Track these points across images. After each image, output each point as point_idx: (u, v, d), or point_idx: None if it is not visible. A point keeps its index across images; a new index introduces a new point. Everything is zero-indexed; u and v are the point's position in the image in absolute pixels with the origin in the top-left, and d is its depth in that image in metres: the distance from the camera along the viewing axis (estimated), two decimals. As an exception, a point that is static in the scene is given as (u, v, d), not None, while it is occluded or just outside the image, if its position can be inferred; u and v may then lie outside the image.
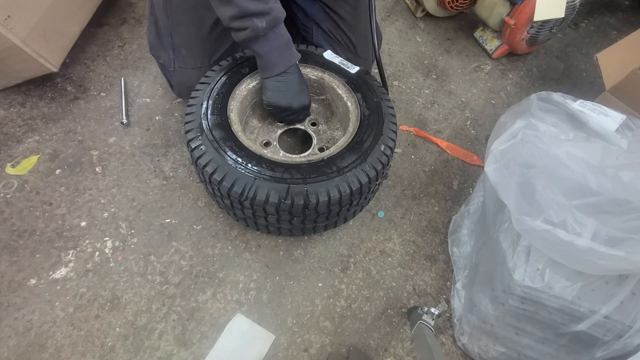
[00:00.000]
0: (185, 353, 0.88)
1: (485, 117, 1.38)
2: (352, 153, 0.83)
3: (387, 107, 0.93)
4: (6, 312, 0.89)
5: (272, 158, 0.80)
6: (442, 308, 1.00)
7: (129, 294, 0.94)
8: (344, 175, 0.79)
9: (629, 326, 0.70)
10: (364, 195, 0.86)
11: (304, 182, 0.77)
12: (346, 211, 0.88)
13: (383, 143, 0.86)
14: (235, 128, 0.85)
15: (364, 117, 0.90)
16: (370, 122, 0.89)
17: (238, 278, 0.98)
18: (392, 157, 0.89)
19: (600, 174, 0.74)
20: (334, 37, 1.13)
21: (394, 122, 0.92)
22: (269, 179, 0.76)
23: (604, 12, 1.83)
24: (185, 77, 1.07)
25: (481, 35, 1.56)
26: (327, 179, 0.78)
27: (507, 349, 0.85)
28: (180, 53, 1.03)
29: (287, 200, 0.76)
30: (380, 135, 0.87)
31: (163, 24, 1.01)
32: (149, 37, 1.09)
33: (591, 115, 0.86)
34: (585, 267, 0.69)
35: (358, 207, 0.93)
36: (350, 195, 0.80)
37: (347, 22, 1.11)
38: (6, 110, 1.17)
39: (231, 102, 0.89)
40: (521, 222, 0.70)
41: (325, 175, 0.78)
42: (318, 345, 0.92)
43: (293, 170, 0.78)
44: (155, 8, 1.02)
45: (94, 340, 0.88)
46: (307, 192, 0.76)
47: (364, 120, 0.89)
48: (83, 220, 1.02)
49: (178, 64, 1.05)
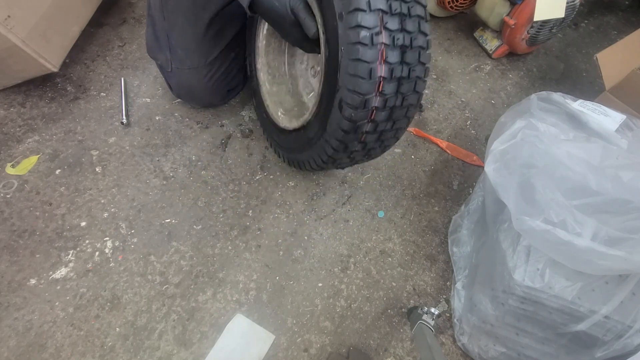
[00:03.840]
0: (185, 353, 0.88)
1: (485, 117, 1.38)
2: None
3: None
4: (6, 312, 0.89)
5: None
6: (442, 308, 1.00)
7: (129, 294, 0.94)
8: None
9: (629, 326, 0.70)
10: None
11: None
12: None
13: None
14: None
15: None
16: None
17: (238, 278, 0.98)
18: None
19: (600, 174, 0.74)
20: None
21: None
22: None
23: (604, 12, 1.83)
24: (183, 77, 1.07)
25: (481, 35, 1.56)
26: None
27: (507, 349, 0.85)
28: (177, 54, 1.03)
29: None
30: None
31: (160, 25, 1.01)
32: (147, 39, 1.09)
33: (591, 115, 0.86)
34: (585, 267, 0.69)
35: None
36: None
37: None
38: (6, 110, 1.17)
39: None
40: (521, 222, 0.70)
41: None
42: (318, 345, 0.92)
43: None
44: (152, 10, 1.02)
45: (94, 340, 0.88)
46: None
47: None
48: (83, 220, 1.02)
49: (175, 65, 1.05)
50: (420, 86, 0.75)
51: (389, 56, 0.68)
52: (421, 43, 0.71)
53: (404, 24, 0.69)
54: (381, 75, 0.69)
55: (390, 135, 0.84)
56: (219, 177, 1.13)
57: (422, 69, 0.73)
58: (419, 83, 0.75)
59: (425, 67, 0.74)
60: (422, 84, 0.75)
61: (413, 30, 0.70)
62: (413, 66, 0.71)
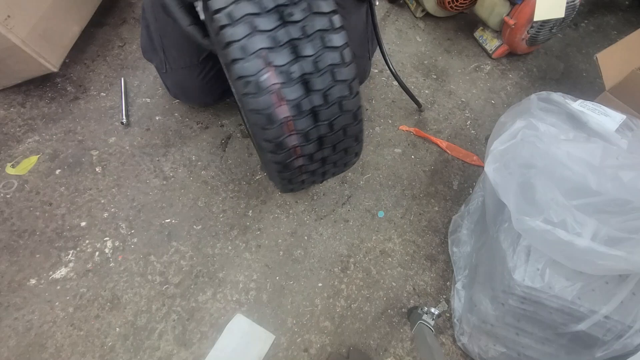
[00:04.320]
0: (185, 353, 0.88)
1: (485, 117, 1.38)
2: None
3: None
4: (6, 312, 0.89)
5: None
6: (442, 308, 1.00)
7: (129, 294, 0.94)
8: None
9: (629, 326, 0.70)
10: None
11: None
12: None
13: None
14: None
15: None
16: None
17: (238, 278, 0.98)
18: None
19: (600, 174, 0.74)
20: None
21: None
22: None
23: (604, 12, 1.83)
24: (177, 77, 1.07)
25: (481, 35, 1.56)
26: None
27: (507, 349, 0.85)
28: (170, 54, 1.03)
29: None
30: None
31: (153, 27, 1.01)
32: (142, 42, 1.10)
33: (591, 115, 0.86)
34: (585, 267, 0.69)
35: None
36: None
37: None
38: (6, 110, 1.17)
39: None
40: (521, 222, 0.70)
41: None
42: (318, 345, 0.92)
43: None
44: (145, 12, 1.02)
45: (94, 340, 0.88)
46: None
47: None
48: (83, 220, 1.02)
49: (169, 66, 1.05)
50: (349, 104, 0.67)
51: (288, 94, 0.61)
52: (331, 60, 0.62)
53: (299, 50, 0.60)
54: (286, 116, 0.62)
55: (339, 157, 0.78)
56: (219, 177, 1.13)
57: (344, 87, 0.65)
58: (345, 103, 0.66)
59: (348, 84, 0.65)
60: (350, 102, 0.66)
61: (314, 52, 0.61)
62: (327, 89, 0.63)
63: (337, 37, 0.63)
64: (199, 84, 1.07)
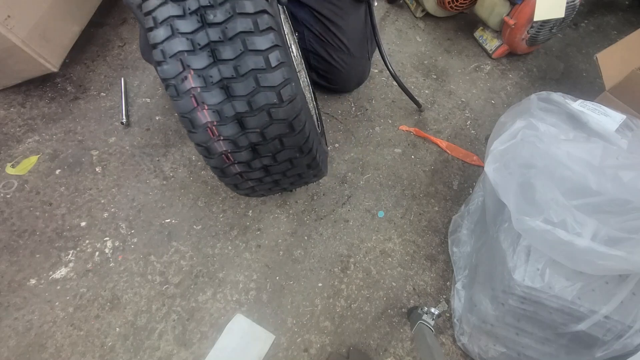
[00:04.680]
0: (185, 353, 0.88)
1: (485, 117, 1.38)
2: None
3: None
4: (6, 312, 0.89)
5: None
6: (442, 308, 1.00)
7: (129, 294, 0.94)
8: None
9: (629, 326, 0.70)
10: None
11: None
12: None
13: None
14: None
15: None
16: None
17: (238, 278, 0.98)
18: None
19: (600, 174, 0.74)
20: (326, 39, 1.14)
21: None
22: None
23: (604, 12, 1.83)
24: None
25: (481, 35, 1.56)
26: None
27: (507, 349, 0.85)
28: None
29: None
30: None
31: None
32: (141, 43, 1.10)
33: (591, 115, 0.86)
34: (585, 267, 0.69)
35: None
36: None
37: (336, 23, 1.12)
38: (6, 110, 1.17)
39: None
40: (521, 222, 0.70)
41: None
42: (318, 345, 0.92)
43: None
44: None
45: (94, 340, 0.88)
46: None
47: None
48: (83, 220, 1.02)
49: None
50: (280, 113, 0.62)
51: (207, 98, 0.59)
52: (254, 65, 0.58)
53: (218, 53, 0.57)
54: (209, 121, 0.60)
55: (285, 167, 0.74)
56: (219, 177, 1.13)
57: (271, 94, 0.60)
58: (274, 111, 0.62)
59: (276, 90, 0.60)
60: (281, 110, 0.62)
61: (235, 55, 0.58)
62: (252, 96, 0.60)
63: (261, 39, 0.58)
64: None
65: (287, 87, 0.61)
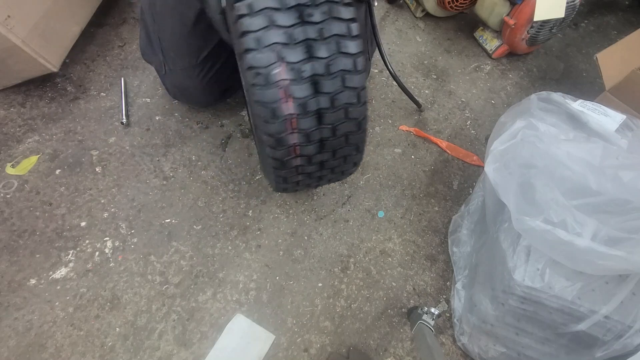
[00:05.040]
0: (185, 353, 0.88)
1: (485, 117, 1.38)
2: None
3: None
4: (6, 312, 0.89)
5: None
6: (442, 308, 1.00)
7: (129, 294, 0.94)
8: None
9: (629, 326, 0.70)
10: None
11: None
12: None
13: None
14: None
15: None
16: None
17: (238, 278, 0.98)
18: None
19: (600, 174, 0.74)
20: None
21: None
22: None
23: (604, 12, 1.83)
24: (176, 78, 1.07)
25: (481, 35, 1.56)
26: None
27: (507, 349, 0.85)
28: (169, 55, 1.03)
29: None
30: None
31: (151, 28, 1.01)
32: (141, 44, 1.10)
33: (591, 115, 0.86)
34: (585, 267, 0.69)
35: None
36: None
37: None
38: (6, 110, 1.17)
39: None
40: (521, 222, 0.70)
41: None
42: (318, 345, 0.92)
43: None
44: (143, 14, 1.02)
45: (94, 340, 0.88)
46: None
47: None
48: (83, 220, 1.02)
49: (168, 67, 1.05)
50: (355, 112, 0.67)
51: (296, 91, 0.62)
52: (343, 66, 0.63)
53: (313, 50, 0.61)
54: (290, 113, 0.63)
55: (337, 163, 0.78)
56: (219, 177, 1.13)
57: (352, 94, 0.65)
58: (351, 110, 0.67)
59: (357, 92, 0.65)
60: (356, 110, 0.67)
61: (328, 55, 0.62)
62: (336, 94, 0.64)
63: (353, 44, 0.63)
64: (198, 84, 1.07)
65: (365, 91, 0.67)
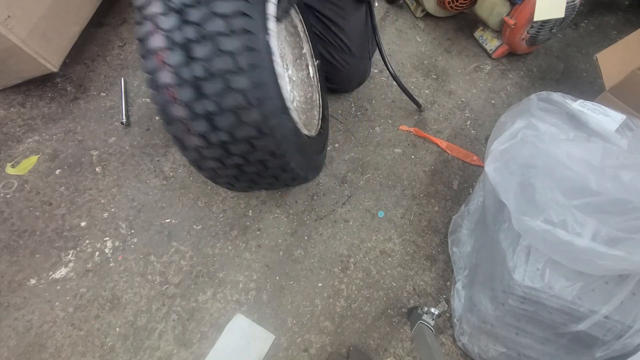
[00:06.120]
0: (185, 353, 0.88)
1: (485, 117, 1.38)
2: None
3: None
4: (6, 312, 0.89)
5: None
6: (442, 308, 1.00)
7: (129, 294, 0.94)
8: None
9: (629, 326, 0.70)
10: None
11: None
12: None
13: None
14: None
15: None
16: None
17: (238, 278, 0.98)
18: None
19: (600, 174, 0.74)
20: (327, 39, 1.14)
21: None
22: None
23: (604, 12, 1.83)
24: None
25: (481, 35, 1.56)
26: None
27: (507, 349, 0.85)
28: None
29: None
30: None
31: None
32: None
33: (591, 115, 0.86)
34: (585, 267, 0.69)
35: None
36: None
37: (336, 23, 1.12)
38: (6, 110, 1.17)
39: None
40: (521, 222, 0.70)
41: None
42: (318, 345, 0.92)
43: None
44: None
45: (94, 340, 0.88)
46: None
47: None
48: (83, 220, 1.02)
49: None
50: (247, 115, 0.62)
51: (169, 58, 0.59)
52: (218, 28, 0.58)
53: (186, 14, 0.58)
54: (180, 116, 0.62)
55: (258, 169, 0.75)
56: (219, 177, 1.13)
57: (237, 95, 0.61)
58: (242, 113, 0.62)
59: (243, 93, 0.61)
60: (249, 113, 0.62)
61: (199, 19, 0.59)
62: (210, 61, 0.59)
63: (228, 4, 0.59)
64: None
65: (256, 91, 0.62)
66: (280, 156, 0.72)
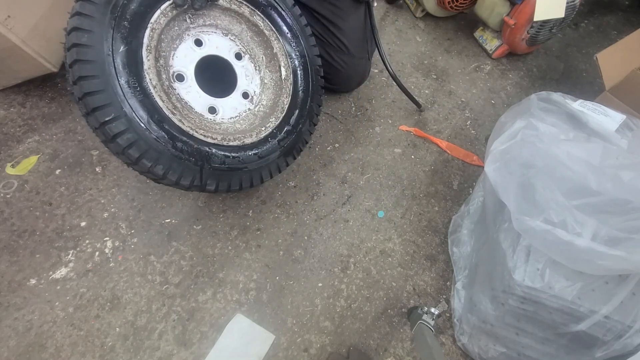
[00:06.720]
0: (185, 353, 0.88)
1: (485, 117, 1.38)
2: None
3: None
4: (6, 312, 0.89)
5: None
6: (442, 308, 1.00)
7: (129, 294, 0.94)
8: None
9: (629, 326, 0.70)
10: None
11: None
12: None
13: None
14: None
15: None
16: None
17: (238, 278, 0.98)
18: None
19: (600, 174, 0.74)
20: (326, 40, 1.14)
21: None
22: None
23: (604, 12, 1.83)
24: None
25: (481, 35, 1.56)
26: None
27: (507, 349, 0.85)
28: None
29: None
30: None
31: None
32: None
33: (591, 115, 0.86)
34: (585, 267, 0.69)
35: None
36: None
37: (335, 23, 1.12)
38: (6, 110, 1.17)
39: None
40: (521, 222, 0.70)
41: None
42: (318, 345, 0.92)
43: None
44: None
45: (94, 340, 0.88)
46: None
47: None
48: (83, 220, 1.02)
49: None
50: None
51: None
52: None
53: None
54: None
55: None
56: (219, 177, 1.13)
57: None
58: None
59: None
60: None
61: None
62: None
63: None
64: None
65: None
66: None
